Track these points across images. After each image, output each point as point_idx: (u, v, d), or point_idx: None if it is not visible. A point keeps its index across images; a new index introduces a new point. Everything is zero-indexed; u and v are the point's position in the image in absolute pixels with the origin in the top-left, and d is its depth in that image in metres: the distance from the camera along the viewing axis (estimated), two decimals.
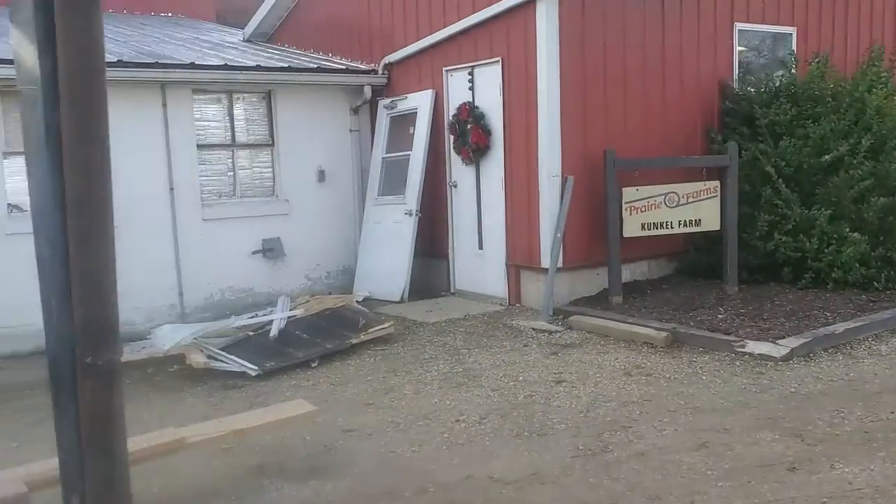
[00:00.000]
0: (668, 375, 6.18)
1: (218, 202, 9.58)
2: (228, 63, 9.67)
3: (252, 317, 8.17)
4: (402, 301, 9.26)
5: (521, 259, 8.74)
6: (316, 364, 6.93)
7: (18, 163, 8.36)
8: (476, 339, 7.55)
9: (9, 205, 8.30)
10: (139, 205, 8.85)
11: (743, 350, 6.58)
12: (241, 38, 12.86)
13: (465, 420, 5.40)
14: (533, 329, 7.76)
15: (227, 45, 12.00)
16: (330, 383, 6.44)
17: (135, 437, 4.34)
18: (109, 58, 8.70)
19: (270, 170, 10.02)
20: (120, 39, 10.98)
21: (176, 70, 9.02)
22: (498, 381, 6.25)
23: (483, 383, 6.20)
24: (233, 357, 6.82)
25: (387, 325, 7.68)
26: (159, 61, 9.06)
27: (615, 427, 5.13)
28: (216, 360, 6.88)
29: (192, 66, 9.22)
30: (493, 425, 5.27)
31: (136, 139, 8.82)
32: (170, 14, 16.07)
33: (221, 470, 4.70)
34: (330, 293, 9.86)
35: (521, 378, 6.28)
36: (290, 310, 8.12)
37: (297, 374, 6.71)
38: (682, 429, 5.06)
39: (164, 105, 9.06)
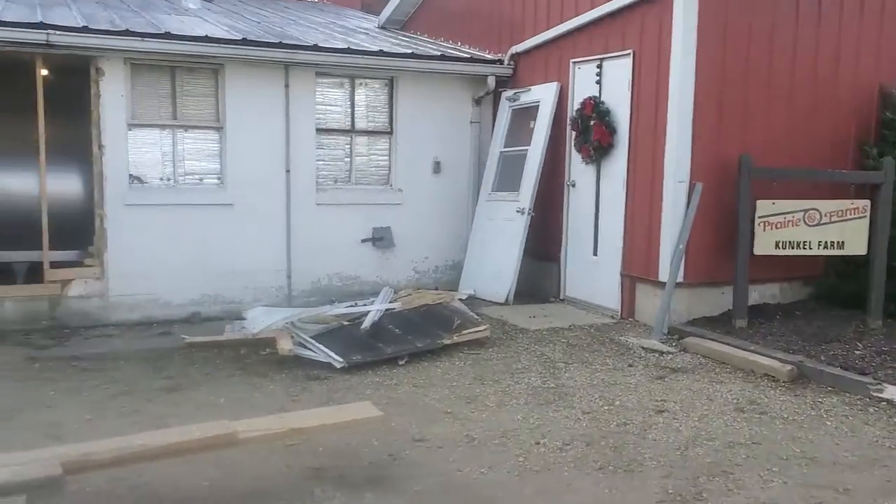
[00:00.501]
0: (786, 416, 5.44)
1: (332, 187, 9.48)
2: (352, 47, 9.54)
3: (351, 306, 7.99)
4: (505, 303, 8.84)
5: (637, 269, 8.10)
6: (403, 362, 6.63)
7: (142, 135, 8.57)
8: (577, 353, 7.02)
9: (130, 175, 8.50)
10: (256, 185, 8.91)
11: (880, 395, 5.71)
12: (376, 25, 12.80)
13: (545, 444, 4.92)
14: (642, 347, 7.14)
15: (360, 30, 11.94)
16: (413, 385, 6.12)
17: (189, 426, 4.20)
18: (234, 35, 8.78)
19: (387, 158, 9.83)
20: (254, 20, 11.12)
21: (299, 51, 8.96)
22: (591, 402, 5.72)
23: (574, 403, 5.69)
24: (320, 346, 6.64)
25: (482, 328, 7.29)
26: (283, 41, 9.03)
27: (714, 471, 4.51)
28: (305, 347, 6.72)
29: (316, 48, 9.14)
30: (575, 453, 4.77)
31: (257, 119, 8.88)
32: (317, 0, 16.40)
33: (278, 469, 4.46)
34: (436, 288, 9.58)
35: (617, 402, 5.72)
36: (390, 302, 7.89)
37: (382, 371, 6.44)
38: (793, 482, 4.37)
39: (287, 86, 9.04)
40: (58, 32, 7.81)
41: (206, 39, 8.51)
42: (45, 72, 8.23)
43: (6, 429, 4.94)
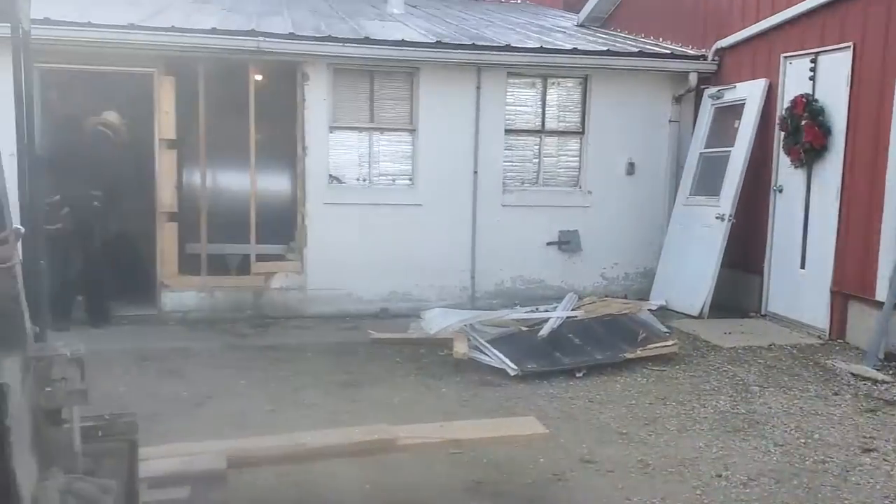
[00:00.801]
0: None
1: (519, 189, 9.38)
2: (544, 46, 9.36)
3: (531, 311, 7.85)
4: (699, 316, 8.27)
5: (850, 286, 7.27)
6: (581, 375, 6.38)
7: (342, 137, 8.93)
8: (774, 376, 6.41)
9: (330, 175, 8.89)
10: (444, 186, 9.00)
11: None
12: (575, 24, 12.52)
13: (728, 477, 4.50)
14: (851, 374, 6.39)
15: (557, 29, 11.74)
16: (588, 399, 5.86)
17: (350, 428, 4.25)
18: (429, 38, 8.91)
19: (577, 159, 9.56)
20: (452, 23, 11.25)
21: (491, 52, 8.94)
22: (786, 433, 5.17)
23: (766, 433, 5.17)
24: (496, 351, 6.55)
25: (670, 342, 6.85)
26: (476, 43, 9.04)
27: None
28: (480, 351, 6.66)
29: (508, 48, 9.07)
30: (761, 491, 4.31)
31: (447, 121, 8.97)
32: (518, 0, 16.41)
33: (438, 479, 4.40)
34: (625, 296, 9.19)
35: (816, 435, 5.13)
36: (572, 309, 7.65)
37: (557, 382, 6.23)
38: None
39: (478, 87, 9.03)
40: (267, 39, 8.31)
41: (403, 43, 8.71)
42: (258, 77, 8.82)
43: (196, 416, 5.29)
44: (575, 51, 9.27)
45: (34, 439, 1.90)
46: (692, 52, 9.57)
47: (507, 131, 9.25)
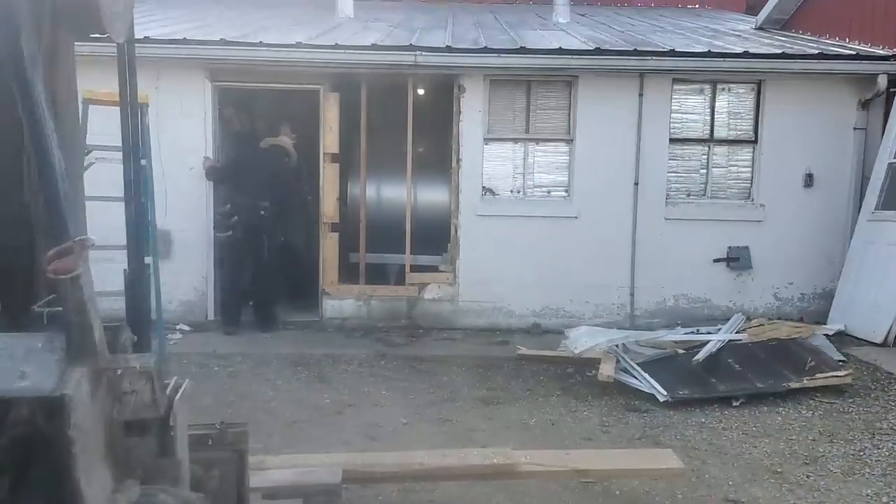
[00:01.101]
0: None
1: (684, 202, 8.89)
2: (712, 50, 8.81)
3: (692, 332, 7.40)
4: (883, 344, 7.42)
5: None
6: (737, 404, 5.88)
7: (496, 149, 8.88)
8: None
9: (483, 187, 8.86)
10: (601, 198, 8.72)
11: None
12: (753, 27, 11.75)
13: None
14: None
15: (732, 33, 11.07)
16: (742, 432, 5.38)
17: (469, 450, 4.15)
18: (588, 45, 8.68)
19: (749, 170, 8.92)
20: (618, 29, 10.93)
21: (653, 58, 8.54)
22: None
23: None
24: (645, 375, 6.19)
25: (843, 373, 6.18)
26: (638, 48, 8.68)
27: None
28: (628, 373, 6.33)
29: (672, 53, 8.63)
30: None
31: (607, 130, 8.69)
32: (696, 6, 15.71)
33: None
34: (801, 319, 8.46)
35: None
36: (737, 332, 7.12)
37: (710, 411, 5.79)
38: None
39: (641, 95, 8.67)
40: (424, 53, 8.42)
41: (560, 52, 8.52)
42: (418, 90, 8.97)
43: (332, 424, 5.38)
44: (746, 54, 8.65)
45: (108, 450, 1.95)
46: (881, 53, 8.66)
47: (672, 140, 8.80)
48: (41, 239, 2.07)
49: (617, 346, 6.70)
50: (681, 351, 6.79)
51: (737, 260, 8.74)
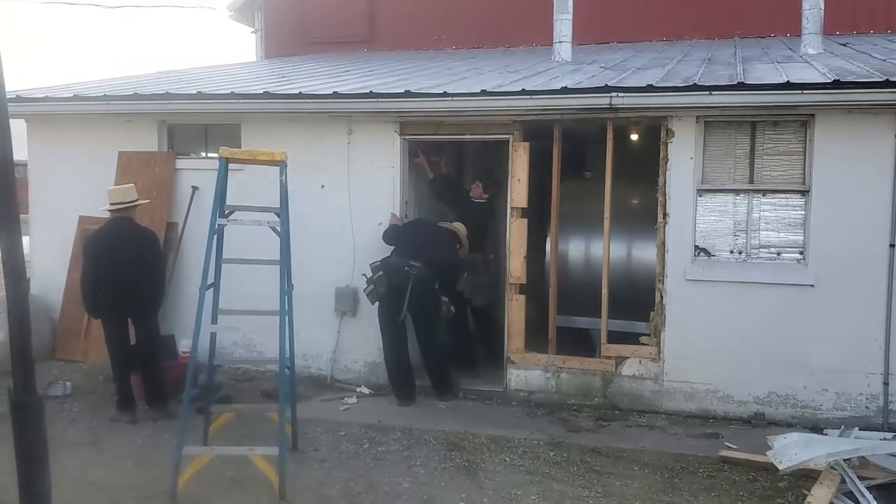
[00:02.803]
0: None
1: None
2: None
3: None
4: None
5: None
6: None
7: (712, 201, 7.54)
8: None
9: (696, 247, 7.55)
10: (846, 262, 7.05)
11: None
12: None
13: None
14: None
15: None
16: None
17: None
18: (825, 78, 7.16)
19: None
20: (879, 58, 8.99)
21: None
22: None
23: None
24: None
25: None
26: (890, 79, 6.91)
27: None
28: (854, 500, 4.72)
29: None
30: None
31: (854, 178, 7.05)
32: None
33: None
34: None
35: None
36: None
37: None
38: None
39: None
40: (620, 94, 7.37)
41: (786, 86, 7.02)
42: (620, 137, 7.94)
43: None
44: None
45: None
46: None
47: None
48: None
49: (847, 460, 5.09)
50: None
51: None
